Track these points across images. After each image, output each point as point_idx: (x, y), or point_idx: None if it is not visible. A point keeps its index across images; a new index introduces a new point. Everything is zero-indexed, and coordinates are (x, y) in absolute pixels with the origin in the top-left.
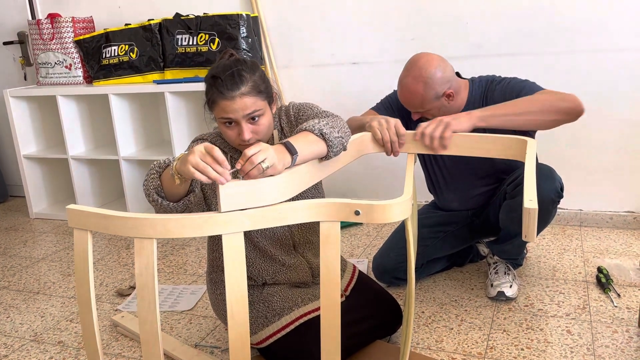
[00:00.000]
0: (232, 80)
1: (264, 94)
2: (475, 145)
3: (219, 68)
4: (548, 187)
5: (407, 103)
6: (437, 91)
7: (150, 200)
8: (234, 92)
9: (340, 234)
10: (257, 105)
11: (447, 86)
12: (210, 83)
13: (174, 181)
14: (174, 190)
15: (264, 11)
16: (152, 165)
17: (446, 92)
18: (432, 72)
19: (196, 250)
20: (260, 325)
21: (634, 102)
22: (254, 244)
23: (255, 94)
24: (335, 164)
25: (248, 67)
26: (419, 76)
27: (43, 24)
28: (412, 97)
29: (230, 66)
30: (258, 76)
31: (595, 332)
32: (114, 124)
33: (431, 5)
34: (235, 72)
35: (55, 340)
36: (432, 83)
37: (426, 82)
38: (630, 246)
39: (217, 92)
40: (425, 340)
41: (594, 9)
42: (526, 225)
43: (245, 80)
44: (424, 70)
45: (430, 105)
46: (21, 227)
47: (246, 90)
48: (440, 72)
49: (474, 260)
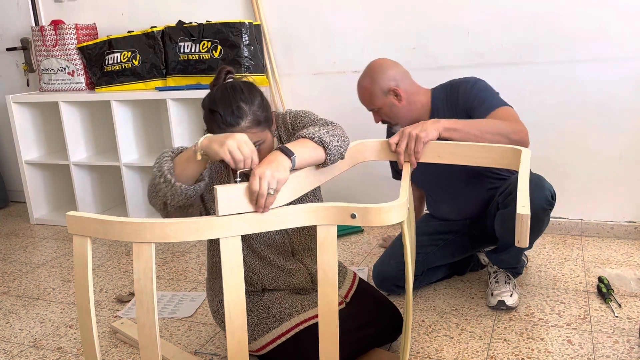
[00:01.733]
0: (231, 115)
1: (265, 123)
2: (470, 155)
3: (216, 100)
4: (538, 196)
5: (361, 99)
6: (382, 86)
7: (162, 181)
8: (234, 128)
9: (337, 237)
10: (257, 136)
11: (394, 84)
12: (209, 117)
13: (188, 164)
14: (186, 173)
15: (266, 19)
16: (163, 151)
17: (391, 88)
18: (378, 68)
19: (196, 257)
20: (260, 332)
21: (635, 111)
22: (253, 250)
23: (254, 125)
24: (331, 171)
25: (245, 96)
26: (367, 72)
27: (46, 31)
28: (363, 92)
29: (228, 98)
30: (257, 105)
31: (596, 342)
32: (116, 131)
33: (433, 15)
34: (235, 108)
35: (55, 346)
36: (377, 78)
37: (372, 76)
38: (631, 256)
39: (216, 127)
40: (426, 349)
41: (595, 19)
42: (519, 231)
43: (244, 114)
44: (372, 67)
45: (379, 101)
46: (22, 233)
47: (246, 125)
48: (387, 70)
49: (474, 269)
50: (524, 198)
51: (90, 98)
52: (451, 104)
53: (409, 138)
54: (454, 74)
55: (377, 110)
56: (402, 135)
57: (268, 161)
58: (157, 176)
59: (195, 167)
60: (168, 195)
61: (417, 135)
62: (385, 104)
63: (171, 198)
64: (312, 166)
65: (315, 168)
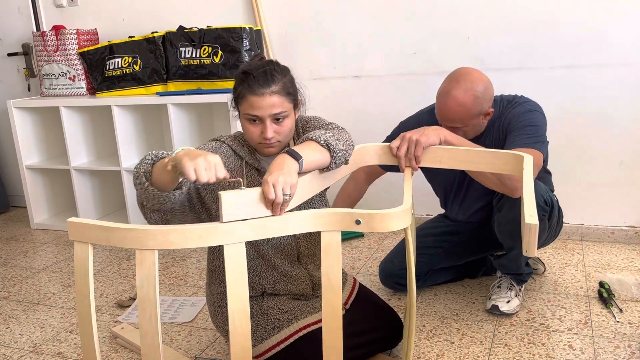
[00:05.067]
0: (264, 78)
1: (292, 96)
2: (471, 160)
3: (251, 65)
4: None
5: (450, 116)
6: (483, 108)
7: (137, 183)
8: (264, 89)
9: (341, 244)
10: (283, 106)
11: (490, 104)
12: (242, 79)
13: (162, 172)
14: (163, 179)
15: (267, 24)
16: (149, 152)
17: (488, 111)
18: (483, 87)
19: (197, 262)
20: (259, 338)
21: (636, 116)
22: (258, 251)
23: (284, 94)
24: (334, 176)
25: (280, 69)
26: (470, 89)
27: (47, 36)
28: (459, 110)
29: (263, 65)
30: (288, 79)
31: (597, 347)
32: (117, 135)
33: (433, 20)
34: (268, 71)
35: (55, 351)
36: (481, 99)
37: (477, 96)
38: (632, 261)
39: (247, 87)
40: (427, 354)
41: (595, 24)
42: (526, 240)
43: (276, 79)
44: (476, 84)
45: (471, 121)
46: (22, 238)
47: (276, 89)
48: (490, 90)
49: (488, 274)
50: (531, 207)
51: (91, 103)
52: (499, 117)
53: (409, 142)
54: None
55: (459, 127)
56: (403, 139)
57: (278, 167)
58: (135, 177)
59: (167, 176)
60: (143, 197)
61: (417, 140)
62: (473, 124)
63: (146, 201)
64: (316, 170)
65: (319, 172)
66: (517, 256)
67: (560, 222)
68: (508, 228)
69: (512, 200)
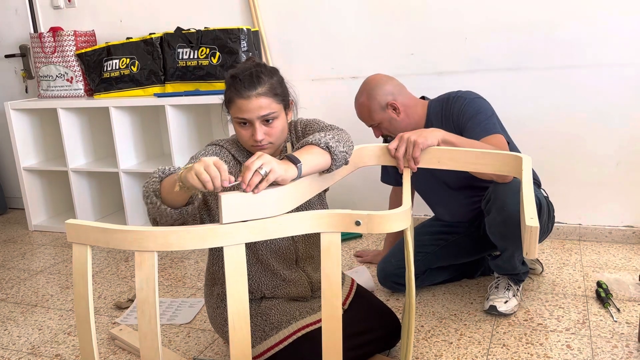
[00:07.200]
0: (250, 80)
1: (280, 97)
2: (470, 161)
3: (239, 69)
4: (512, 201)
5: (360, 116)
6: (380, 101)
7: (148, 202)
8: (251, 92)
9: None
10: (271, 107)
11: (391, 98)
12: (230, 83)
13: (174, 188)
14: (173, 196)
15: (264, 25)
16: (155, 169)
17: (389, 102)
18: (374, 84)
19: (195, 263)
20: (258, 339)
21: (633, 116)
22: (257, 257)
23: (271, 95)
24: (333, 177)
25: (267, 70)
26: (364, 90)
27: (45, 38)
28: (361, 109)
29: (249, 68)
30: (276, 80)
31: (595, 347)
32: (115, 137)
33: (430, 21)
34: (254, 73)
35: (53, 353)
36: (374, 93)
37: (369, 92)
38: (629, 261)
39: (234, 91)
40: (425, 355)
41: (593, 25)
42: (527, 242)
43: (262, 81)
44: (367, 84)
45: (378, 116)
46: (20, 240)
47: (262, 91)
48: (383, 85)
49: (486, 274)
50: (531, 209)
51: (89, 104)
52: (445, 118)
53: (407, 143)
54: (451, 79)
55: (376, 125)
56: (401, 140)
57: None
58: (145, 197)
59: (177, 195)
60: (156, 215)
61: (415, 141)
62: (385, 119)
63: (159, 218)
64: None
65: (319, 174)
66: (510, 257)
67: (551, 217)
68: (499, 230)
69: (498, 202)
